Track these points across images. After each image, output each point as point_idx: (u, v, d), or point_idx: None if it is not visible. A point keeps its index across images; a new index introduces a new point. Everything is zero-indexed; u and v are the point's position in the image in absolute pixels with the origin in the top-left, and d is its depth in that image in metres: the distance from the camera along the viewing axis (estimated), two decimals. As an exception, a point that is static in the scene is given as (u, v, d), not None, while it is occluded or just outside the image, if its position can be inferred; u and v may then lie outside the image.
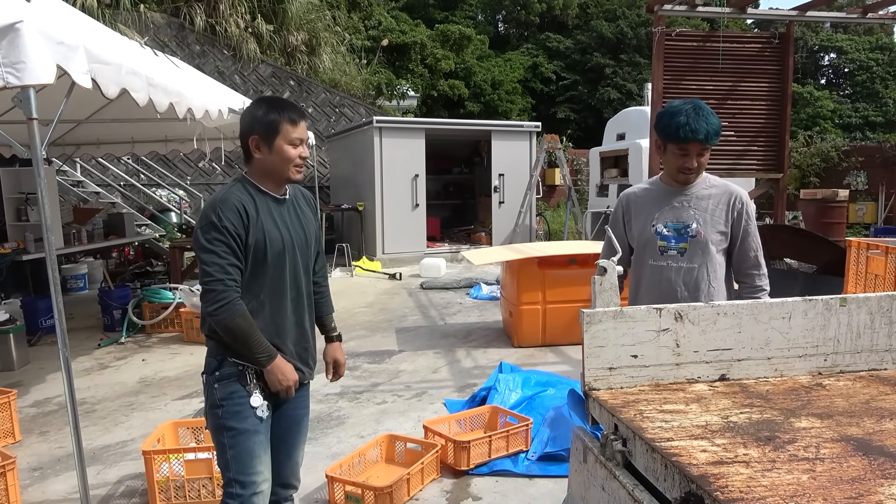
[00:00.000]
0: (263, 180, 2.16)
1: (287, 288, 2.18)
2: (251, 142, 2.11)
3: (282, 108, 2.12)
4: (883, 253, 5.24)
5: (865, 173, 15.71)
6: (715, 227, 2.49)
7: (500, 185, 12.09)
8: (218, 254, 1.99)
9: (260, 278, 2.11)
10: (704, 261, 2.49)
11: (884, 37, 26.91)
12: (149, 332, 6.87)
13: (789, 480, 1.24)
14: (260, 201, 2.11)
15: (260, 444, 2.13)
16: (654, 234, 2.55)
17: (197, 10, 14.21)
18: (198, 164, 13.75)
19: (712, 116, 2.42)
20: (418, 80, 21.51)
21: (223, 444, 2.10)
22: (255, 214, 2.07)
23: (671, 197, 2.56)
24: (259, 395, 2.10)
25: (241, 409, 2.08)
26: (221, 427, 2.10)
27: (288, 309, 2.19)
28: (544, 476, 3.51)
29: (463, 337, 6.60)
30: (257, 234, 2.07)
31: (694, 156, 2.44)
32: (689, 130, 2.37)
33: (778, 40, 6.78)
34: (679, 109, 2.42)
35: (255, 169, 2.17)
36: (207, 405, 2.15)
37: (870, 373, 1.93)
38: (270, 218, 2.12)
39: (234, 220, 2.02)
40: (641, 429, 1.52)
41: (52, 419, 4.50)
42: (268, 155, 2.11)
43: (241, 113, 2.18)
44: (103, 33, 3.84)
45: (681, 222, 2.51)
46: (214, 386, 2.10)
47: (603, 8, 26.51)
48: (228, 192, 2.09)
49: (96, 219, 8.65)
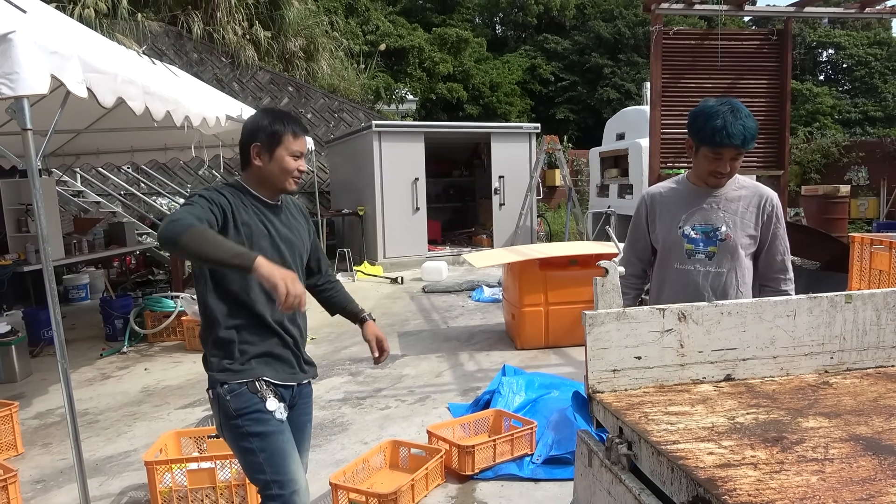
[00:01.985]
0: (258, 187, 2.18)
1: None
2: (253, 149, 2.13)
3: (287, 121, 2.15)
4: (887, 248, 5.21)
5: (866, 168, 15.67)
6: (745, 231, 2.40)
7: (500, 187, 12.06)
8: (192, 205, 1.98)
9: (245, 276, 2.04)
10: (734, 265, 2.41)
11: (882, 31, 26.88)
12: (151, 341, 6.86)
13: (798, 482, 1.21)
14: (248, 203, 2.14)
15: (289, 442, 2.12)
16: (680, 236, 2.44)
17: (194, 18, 14.23)
18: (197, 171, 13.75)
19: (750, 119, 2.28)
20: (417, 83, 21.53)
21: (252, 450, 2.07)
22: (241, 212, 2.09)
23: (699, 198, 2.44)
24: (273, 398, 2.09)
25: (260, 414, 2.07)
26: (246, 434, 2.07)
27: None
28: (550, 480, 3.48)
29: (465, 340, 6.57)
30: (240, 227, 2.07)
31: (728, 160, 2.32)
32: (725, 136, 2.24)
33: (776, 37, 6.76)
34: (716, 111, 2.27)
35: (251, 175, 2.18)
36: (222, 418, 2.11)
37: (877, 370, 1.91)
38: (257, 217, 2.13)
39: (217, 200, 2.03)
40: (647, 431, 1.49)
41: (54, 431, 4.48)
42: (267, 164, 2.13)
43: (245, 120, 2.19)
44: (99, 43, 3.83)
45: (709, 225, 2.41)
46: (227, 398, 2.07)
47: (600, 8, 26.52)
48: (215, 190, 2.11)
49: (97, 228, 8.64)
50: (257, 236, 2.10)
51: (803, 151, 16.68)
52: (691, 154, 2.44)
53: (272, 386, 2.12)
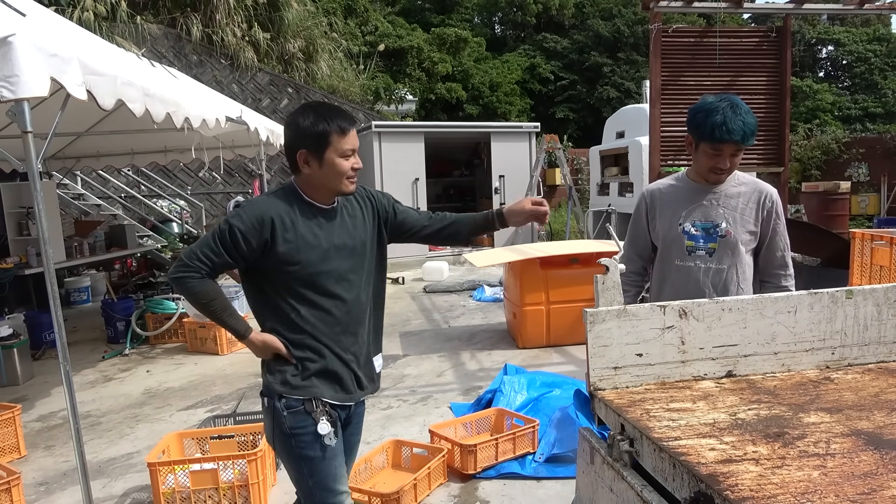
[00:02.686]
0: (312, 191, 2.06)
1: (337, 294, 2.07)
2: (299, 157, 2.01)
3: (331, 117, 1.99)
4: (888, 244, 5.21)
5: (867, 165, 15.65)
6: (745, 227, 2.41)
7: (500, 186, 12.07)
8: (213, 242, 1.98)
9: (299, 285, 2.02)
10: (734, 262, 2.41)
11: (881, 28, 26.85)
12: (152, 343, 6.87)
13: (800, 477, 1.22)
14: (301, 210, 2.03)
15: (339, 465, 2.11)
16: (681, 233, 2.45)
17: (193, 20, 14.23)
18: (198, 173, 13.77)
19: (749, 115, 2.29)
20: (416, 84, 21.53)
21: (302, 472, 2.08)
22: (290, 223, 2.00)
23: (699, 195, 2.45)
24: (325, 422, 2.03)
25: (313, 437, 2.03)
26: (298, 457, 2.06)
27: (339, 315, 2.08)
28: (552, 478, 3.48)
29: (467, 340, 6.57)
30: (289, 241, 1.98)
31: (727, 156, 2.33)
32: (724, 131, 2.25)
33: (775, 34, 6.76)
34: (715, 107, 2.28)
35: (303, 180, 2.07)
36: (276, 431, 2.07)
37: (878, 365, 1.91)
38: (308, 228, 2.02)
39: (249, 225, 1.96)
40: (648, 428, 1.49)
41: (57, 433, 4.49)
42: (318, 169, 2.01)
43: (286, 121, 2.06)
44: (98, 45, 3.84)
45: (710, 221, 2.42)
46: (283, 414, 2.03)
47: (599, 7, 26.52)
48: (265, 198, 2.05)
49: (98, 231, 8.66)
50: (304, 251, 2.00)
51: (803, 148, 16.67)
52: (691, 150, 2.45)
53: (328, 406, 2.06)
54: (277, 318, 2.05)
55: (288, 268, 2.00)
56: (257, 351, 2.07)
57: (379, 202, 2.24)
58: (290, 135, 2.03)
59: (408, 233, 2.30)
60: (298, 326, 2.04)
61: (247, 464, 3.21)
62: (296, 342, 2.05)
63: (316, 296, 2.04)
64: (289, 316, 2.04)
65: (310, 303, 2.04)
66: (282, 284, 2.03)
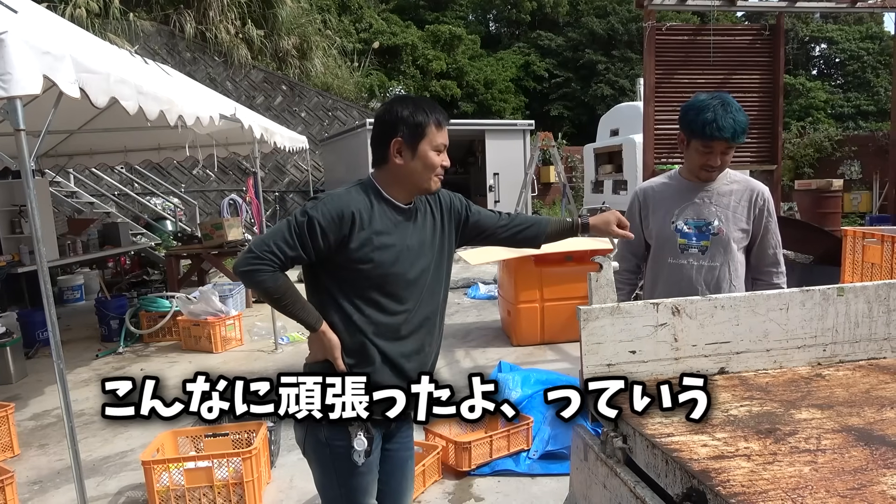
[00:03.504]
0: (393, 187, 1.96)
1: (404, 298, 1.97)
2: (393, 145, 1.90)
3: (430, 109, 1.92)
4: (879, 241, 5.24)
5: (859, 162, 15.73)
6: (737, 225, 2.42)
7: (495, 184, 12.08)
8: (289, 234, 1.84)
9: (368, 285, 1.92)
10: (726, 259, 2.43)
11: (874, 26, 26.93)
12: (146, 342, 6.85)
13: (791, 473, 1.23)
14: (378, 209, 1.92)
15: (372, 480, 2.03)
16: (674, 231, 2.46)
17: (187, 17, 14.18)
18: (192, 171, 13.72)
19: (740, 113, 2.30)
20: (410, 81, 21.51)
21: (333, 482, 2.00)
22: (368, 220, 1.89)
23: (691, 192, 2.46)
24: (362, 437, 1.90)
25: (348, 451, 1.92)
26: (331, 468, 1.98)
27: (402, 321, 1.98)
28: (546, 475, 3.50)
29: (462, 337, 6.58)
30: (365, 239, 1.87)
31: (718, 154, 2.34)
32: (715, 128, 2.27)
33: (768, 32, 6.79)
34: (706, 105, 2.30)
35: (387, 174, 1.96)
36: (309, 437, 1.98)
37: (869, 362, 1.92)
38: (384, 228, 1.91)
39: (329, 218, 1.85)
40: (641, 425, 1.51)
41: (50, 432, 4.48)
42: (410, 161, 1.91)
43: (378, 112, 1.96)
44: (91, 43, 3.82)
45: (702, 219, 2.44)
46: (322, 423, 1.89)
47: (593, 4, 26.51)
48: (344, 192, 1.94)
49: (91, 229, 8.62)
50: (379, 250, 1.89)
51: (796, 146, 16.74)
52: (683, 148, 2.47)
53: (368, 421, 1.90)
54: (338, 316, 1.93)
55: (359, 266, 1.89)
56: (318, 347, 1.93)
57: (452, 203, 2.14)
58: (386, 122, 1.92)
59: (483, 234, 2.19)
60: (359, 328, 1.92)
61: (241, 462, 3.21)
62: (350, 345, 1.93)
63: (383, 298, 1.93)
64: (350, 317, 1.92)
65: (375, 304, 1.93)
66: (349, 283, 1.92)
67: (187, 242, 9.33)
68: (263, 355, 6.27)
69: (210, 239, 8.56)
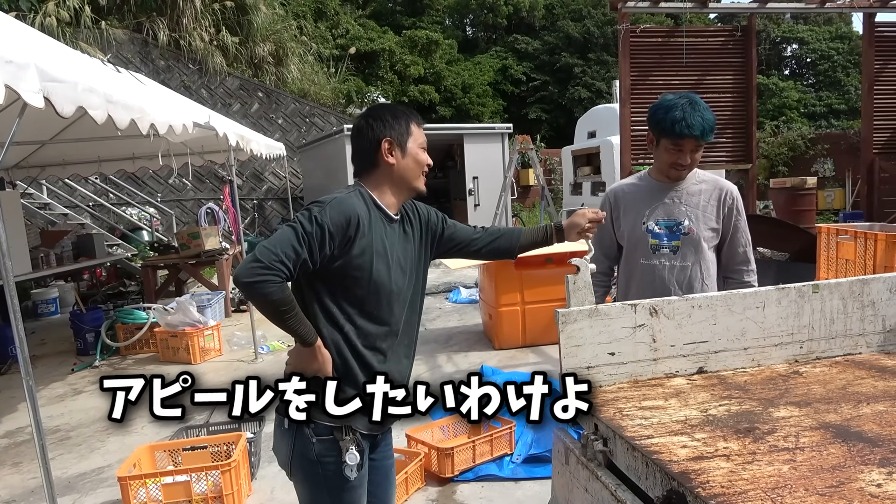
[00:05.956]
0: (385, 193, 1.95)
1: (392, 309, 1.96)
2: (384, 144, 1.91)
3: (406, 111, 1.98)
4: (852, 238, 5.31)
5: (832, 160, 16.00)
6: (707, 224, 2.44)
7: (474, 187, 12.09)
8: (298, 241, 1.76)
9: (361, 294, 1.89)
10: (697, 259, 2.44)
11: (843, 26, 27.45)
12: (124, 354, 6.74)
13: (770, 472, 1.22)
14: (374, 217, 1.90)
15: (362, 495, 2.00)
16: (645, 231, 2.48)
17: (160, 25, 14.02)
18: (167, 180, 13.56)
19: (708, 112, 2.34)
20: (388, 86, 21.48)
21: (324, 500, 1.95)
22: (368, 227, 1.86)
23: (661, 193, 2.49)
24: (354, 451, 1.87)
25: (339, 466, 1.88)
26: (322, 487, 1.92)
27: (390, 332, 1.96)
28: (530, 478, 3.48)
29: (444, 342, 6.56)
30: (364, 246, 1.85)
31: (688, 152, 2.37)
32: (684, 126, 2.30)
33: (740, 33, 6.87)
34: (674, 104, 2.34)
35: (379, 178, 1.95)
36: (297, 456, 1.92)
37: (845, 358, 1.94)
38: (379, 236, 1.90)
39: (337, 222, 1.80)
40: (621, 427, 1.49)
41: (24, 449, 4.37)
42: (402, 159, 1.93)
43: (357, 122, 1.98)
44: (59, 51, 3.74)
45: (672, 219, 2.45)
46: (312, 440, 1.88)
47: (569, 8, 26.71)
48: (346, 197, 1.88)
49: (65, 241, 8.46)
50: (376, 259, 1.87)
51: (771, 145, 16.99)
52: (652, 148, 2.49)
53: (358, 435, 1.90)
54: (332, 328, 1.89)
55: (357, 273, 1.85)
56: (309, 362, 1.84)
57: (430, 216, 2.13)
58: (370, 128, 1.93)
59: (458, 247, 2.18)
60: (351, 342, 1.89)
61: (220, 475, 3.16)
62: (342, 358, 1.89)
63: (374, 308, 1.91)
64: (343, 328, 1.89)
65: (368, 315, 1.90)
66: (344, 292, 1.88)
67: (164, 252, 9.20)
68: (243, 365, 6.20)
69: (187, 248, 8.45)
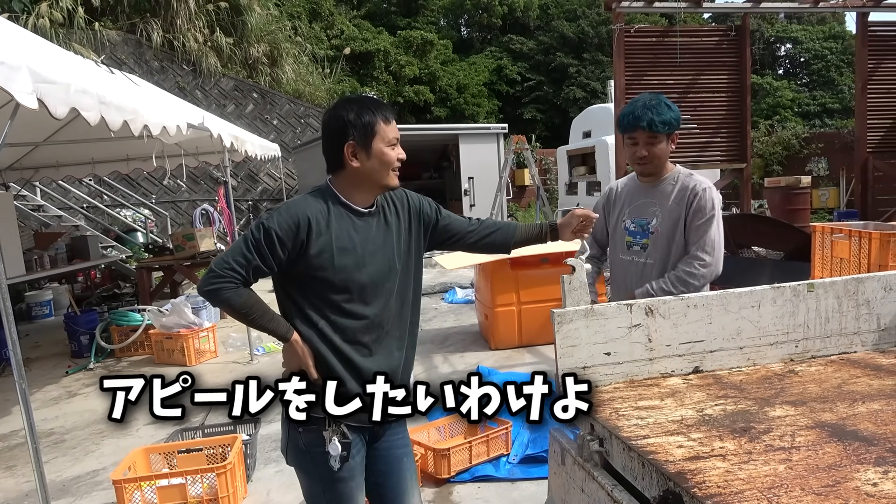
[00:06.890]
0: (352, 191, 1.94)
1: (370, 303, 1.96)
2: (347, 148, 1.89)
3: (374, 107, 1.91)
4: (847, 236, 5.32)
5: (826, 159, 16.05)
6: (672, 224, 2.50)
7: (470, 188, 12.08)
8: (246, 248, 1.84)
9: (331, 292, 1.90)
10: (662, 257, 2.52)
11: (836, 25, 27.57)
12: (118, 356, 6.71)
13: (766, 472, 1.22)
14: (336, 212, 1.91)
15: (356, 486, 2.00)
16: (623, 228, 2.61)
17: (154, 26, 13.97)
18: (162, 181, 13.51)
19: (661, 107, 2.42)
20: (383, 87, 21.47)
21: (318, 489, 1.99)
22: (325, 225, 1.88)
23: (641, 192, 2.60)
24: (336, 442, 1.88)
25: (326, 457, 1.90)
26: (313, 474, 1.97)
27: (371, 326, 1.96)
28: (527, 479, 3.47)
29: (440, 342, 6.55)
30: (323, 244, 1.86)
31: (643, 144, 2.46)
32: (631, 118, 2.43)
33: (734, 33, 6.88)
34: (633, 102, 2.48)
35: (345, 178, 1.94)
36: (290, 445, 1.98)
37: (840, 356, 1.94)
38: (344, 231, 1.90)
39: (285, 227, 1.83)
40: (617, 427, 1.49)
41: (18, 453, 4.35)
42: (366, 161, 1.90)
43: (324, 118, 1.97)
44: (52, 52, 3.73)
45: (643, 218, 2.56)
46: (299, 430, 1.92)
47: (563, 8, 26.74)
48: (301, 199, 1.93)
49: (59, 243, 8.41)
50: (339, 256, 1.88)
51: (765, 144, 17.03)
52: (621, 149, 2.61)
53: (342, 426, 1.90)
54: (304, 325, 1.92)
55: (320, 273, 1.88)
56: (292, 357, 1.91)
57: (422, 205, 2.12)
58: (334, 128, 1.92)
59: (452, 238, 2.18)
60: (327, 337, 1.91)
61: (216, 477, 3.15)
62: (322, 354, 1.91)
63: (348, 304, 1.92)
64: (317, 325, 1.91)
65: (341, 311, 1.92)
66: (313, 290, 1.91)
67: (159, 254, 9.16)
68: (239, 367, 6.17)
69: (182, 250, 8.42)
